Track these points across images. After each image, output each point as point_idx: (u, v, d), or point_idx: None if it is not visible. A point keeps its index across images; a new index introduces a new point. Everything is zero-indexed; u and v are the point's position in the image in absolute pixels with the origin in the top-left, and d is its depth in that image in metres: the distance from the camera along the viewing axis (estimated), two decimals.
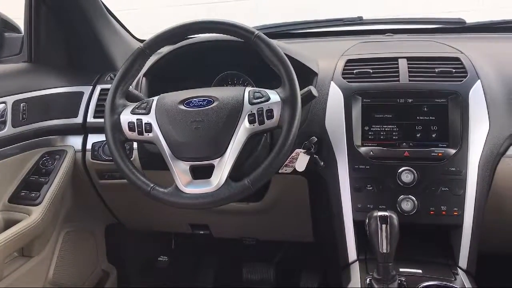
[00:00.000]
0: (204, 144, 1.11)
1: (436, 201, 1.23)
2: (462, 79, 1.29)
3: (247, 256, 2.06)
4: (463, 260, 1.22)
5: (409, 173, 1.24)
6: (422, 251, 1.27)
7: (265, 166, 1.10)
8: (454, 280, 1.14)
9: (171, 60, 1.41)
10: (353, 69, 1.38)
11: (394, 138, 1.29)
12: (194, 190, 1.11)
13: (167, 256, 2.07)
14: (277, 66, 1.13)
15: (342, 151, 1.30)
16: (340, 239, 1.30)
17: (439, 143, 1.26)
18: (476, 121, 1.24)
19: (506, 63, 1.38)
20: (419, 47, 1.50)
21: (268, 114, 1.10)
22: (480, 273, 1.24)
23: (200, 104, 1.14)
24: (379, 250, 1.05)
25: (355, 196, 1.28)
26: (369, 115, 1.31)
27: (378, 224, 1.06)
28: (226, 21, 1.17)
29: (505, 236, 1.42)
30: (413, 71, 1.33)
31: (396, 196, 1.24)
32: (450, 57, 1.37)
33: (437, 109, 1.27)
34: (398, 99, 1.30)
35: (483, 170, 1.23)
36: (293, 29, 1.83)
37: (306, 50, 1.46)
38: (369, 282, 1.11)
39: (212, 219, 1.71)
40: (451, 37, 1.64)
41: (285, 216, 1.61)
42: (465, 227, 1.22)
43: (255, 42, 1.15)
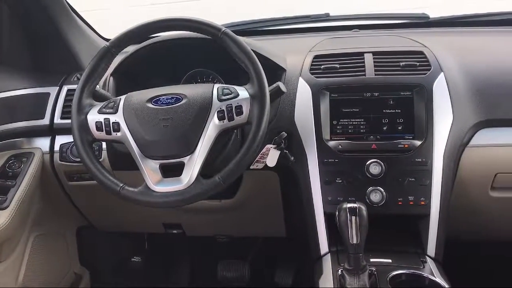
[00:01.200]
0: (174, 142, 1.10)
1: (403, 191, 1.26)
2: (426, 72, 1.32)
3: (221, 254, 2.06)
4: (431, 248, 1.25)
5: (377, 165, 1.27)
6: (392, 241, 1.30)
7: (235, 162, 1.10)
8: (422, 268, 1.17)
9: (138, 59, 1.40)
10: (321, 65, 1.40)
11: (362, 131, 1.31)
12: (165, 188, 1.11)
13: (140, 257, 2.05)
14: (245, 62, 1.14)
15: (311, 146, 1.32)
16: (311, 232, 1.32)
17: (405, 135, 1.29)
18: (440, 112, 1.28)
19: (468, 56, 1.42)
20: (385, 42, 1.53)
21: (238, 110, 1.11)
22: (448, 261, 1.27)
23: (168, 102, 1.13)
24: (349, 241, 1.07)
25: (325, 189, 1.29)
26: (337, 110, 1.33)
27: (348, 216, 1.07)
28: (193, 18, 1.17)
29: (470, 224, 1.47)
30: (378, 66, 1.35)
31: (365, 188, 1.27)
32: (414, 51, 1.40)
33: (402, 102, 1.30)
34: (365, 93, 1.32)
35: (448, 160, 1.26)
36: (261, 26, 1.84)
37: (274, 47, 1.47)
38: (340, 273, 1.12)
39: (184, 217, 1.71)
40: (416, 32, 1.67)
41: (257, 212, 1.62)
42: (432, 216, 1.25)
43: (222, 39, 1.15)
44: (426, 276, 1.13)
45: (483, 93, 1.32)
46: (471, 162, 1.31)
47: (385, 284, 1.09)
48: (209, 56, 1.41)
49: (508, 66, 1.38)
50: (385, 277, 1.11)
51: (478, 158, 1.31)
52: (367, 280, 1.08)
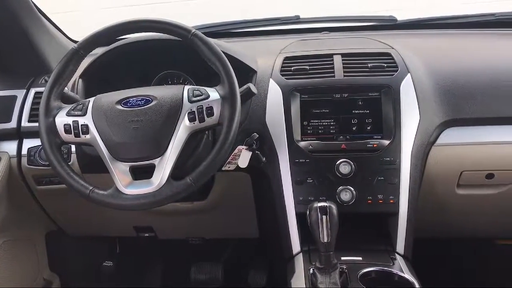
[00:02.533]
0: (144, 144, 1.10)
1: (373, 190, 1.28)
2: (393, 73, 1.35)
3: (194, 256, 2.05)
4: (400, 245, 1.27)
5: (347, 164, 1.29)
6: (363, 239, 1.32)
7: (207, 163, 1.10)
8: (392, 265, 1.19)
9: (108, 61, 1.39)
10: (291, 66, 1.41)
11: (332, 131, 1.33)
12: (135, 191, 1.10)
13: (112, 261, 2.02)
14: (215, 64, 1.14)
15: (282, 146, 1.33)
16: (283, 232, 1.33)
17: (374, 135, 1.31)
18: (408, 112, 1.31)
19: (433, 57, 1.46)
20: (353, 43, 1.56)
21: (208, 111, 1.11)
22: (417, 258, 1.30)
23: (138, 103, 1.13)
24: (320, 240, 1.08)
25: (297, 189, 1.31)
26: (308, 111, 1.35)
27: (319, 215, 1.09)
28: (162, 19, 1.17)
29: (438, 221, 1.51)
30: (347, 67, 1.38)
31: (335, 188, 1.29)
32: (381, 52, 1.43)
33: (371, 103, 1.33)
34: (334, 94, 1.34)
35: (416, 159, 1.29)
36: (232, 28, 1.85)
37: (245, 49, 1.48)
38: (312, 272, 1.14)
39: (156, 220, 1.69)
40: (383, 34, 1.70)
41: (230, 213, 1.62)
42: (401, 214, 1.28)
43: (192, 40, 1.15)
44: (396, 272, 1.15)
45: (449, 93, 1.35)
46: (438, 160, 1.34)
47: (355, 282, 1.10)
48: (179, 57, 1.41)
49: (472, 67, 1.42)
50: (355, 274, 1.12)
51: (445, 156, 1.34)
52: (338, 278, 1.09)
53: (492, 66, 1.42)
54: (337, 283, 1.08)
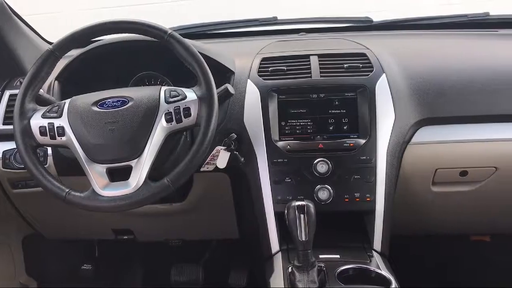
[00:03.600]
0: (121, 145, 1.09)
1: (350, 188, 1.30)
2: (368, 73, 1.37)
3: (174, 258, 2.05)
4: (377, 243, 1.29)
5: (324, 163, 1.30)
6: (340, 237, 1.34)
7: (184, 164, 1.10)
8: (369, 262, 1.21)
9: (84, 62, 1.38)
10: (268, 67, 1.42)
11: (309, 131, 1.35)
12: (112, 192, 1.10)
13: (90, 264, 2.00)
14: (192, 64, 1.14)
15: (261, 146, 1.34)
16: (263, 232, 1.34)
17: (350, 134, 1.33)
18: (383, 112, 1.33)
19: (408, 57, 1.49)
20: (330, 44, 1.57)
21: (186, 112, 1.11)
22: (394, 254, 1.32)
23: (114, 105, 1.12)
24: (298, 239, 1.09)
25: (275, 188, 1.32)
26: (285, 111, 1.36)
27: (296, 214, 1.10)
28: (138, 20, 1.17)
29: (414, 218, 1.53)
30: (323, 67, 1.39)
31: (313, 186, 1.30)
32: (357, 53, 1.45)
33: (347, 103, 1.35)
34: (311, 94, 1.35)
35: (391, 157, 1.32)
36: (211, 29, 1.85)
37: (222, 50, 1.49)
38: (290, 270, 1.15)
39: (135, 223, 1.68)
40: (360, 35, 1.72)
41: (209, 214, 1.62)
42: (377, 211, 1.30)
43: (168, 41, 1.15)
44: (372, 269, 1.16)
45: (423, 93, 1.38)
46: (413, 158, 1.36)
47: (333, 279, 1.12)
48: (157, 58, 1.40)
49: (445, 67, 1.45)
50: (333, 272, 1.14)
51: (420, 154, 1.37)
52: (316, 276, 1.10)
53: (465, 66, 1.45)
54: (315, 281, 1.10)
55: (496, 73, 1.42)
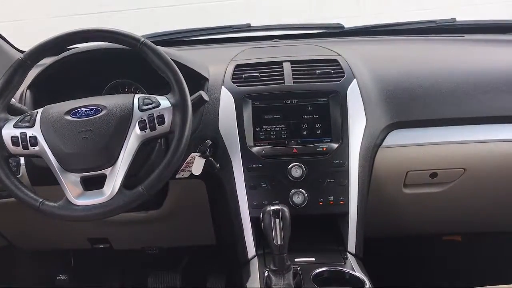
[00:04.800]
0: (94, 154, 1.09)
1: (324, 192, 1.32)
2: (340, 79, 1.40)
3: (152, 266, 2.03)
4: (351, 245, 1.31)
5: (298, 168, 1.32)
6: (316, 240, 1.36)
7: (159, 171, 1.11)
8: (344, 264, 1.23)
9: (56, 71, 1.37)
10: (242, 74, 1.43)
11: (283, 136, 1.36)
12: (86, 201, 1.09)
13: (66, 275, 1.98)
14: (165, 72, 1.15)
15: (236, 152, 1.35)
16: (239, 237, 1.35)
17: (323, 139, 1.35)
18: (354, 116, 1.36)
19: (378, 62, 1.52)
20: (302, 51, 1.60)
21: (159, 120, 1.12)
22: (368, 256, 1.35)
23: (87, 113, 1.12)
24: (274, 243, 1.10)
25: (251, 194, 1.33)
26: (260, 117, 1.37)
27: (271, 218, 1.11)
28: (111, 29, 1.17)
29: (387, 220, 1.56)
30: (296, 74, 1.41)
31: (288, 191, 1.32)
32: (329, 59, 1.47)
33: (319, 108, 1.37)
34: (285, 100, 1.37)
35: (363, 161, 1.34)
36: (184, 36, 1.86)
37: (196, 57, 1.49)
38: (267, 274, 1.16)
39: (111, 231, 1.67)
40: (331, 41, 1.76)
41: (186, 221, 1.63)
42: (351, 214, 1.32)
43: (141, 49, 1.15)
44: (347, 271, 1.18)
45: (393, 97, 1.41)
46: (385, 161, 1.40)
47: (308, 282, 1.13)
48: (130, 66, 1.40)
49: (414, 72, 1.48)
50: (308, 275, 1.15)
51: (391, 157, 1.40)
52: (291, 279, 1.12)
53: (433, 70, 1.49)
54: (291, 284, 1.11)
55: (464, 77, 1.46)
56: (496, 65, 1.51)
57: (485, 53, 1.60)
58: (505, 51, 1.60)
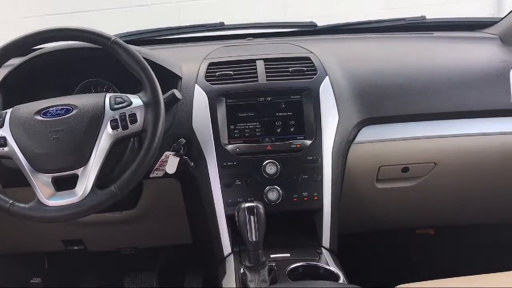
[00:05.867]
0: (66, 154, 1.08)
1: (298, 188, 1.33)
2: (312, 76, 1.41)
3: (128, 267, 2.02)
4: (326, 240, 1.33)
5: (273, 165, 1.33)
6: (291, 236, 1.37)
7: (132, 170, 1.10)
8: (318, 259, 1.25)
9: (26, 71, 1.34)
10: (216, 72, 1.44)
11: (258, 134, 1.37)
12: (58, 202, 1.08)
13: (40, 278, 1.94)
14: (137, 70, 1.14)
15: (210, 150, 1.35)
16: (215, 235, 1.35)
17: (297, 136, 1.37)
18: (327, 113, 1.37)
19: (350, 60, 1.54)
20: (275, 49, 1.61)
21: (131, 118, 1.11)
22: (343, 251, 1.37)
23: (58, 113, 1.11)
24: (249, 239, 1.11)
25: (226, 191, 1.33)
26: (234, 115, 1.38)
27: (246, 215, 1.12)
28: (81, 27, 1.16)
29: (362, 215, 1.59)
30: (269, 71, 1.42)
31: (262, 188, 1.32)
32: (301, 57, 1.48)
33: (293, 105, 1.38)
34: (258, 98, 1.38)
35: (336, 157, 1.36)
36: (157, 35, 1.84)
37: (169, 55, 1.49)
38: (242, 271, 1.16)
39: (85, 232, 1.65)
40: (304, 39, 1.77)
41: (161, 220, 1.62)
42: (325, 209, 1.34)
43: (112, 48, 1.15)
44: (321, 266, 1.20)
45: (364, 93, 1.44)
46: (357, 157, 1.42)
47: (284, 277, 1.14)
48: (102, 65, 1.39)
49: (385, 69, 1.51)
50: (283, 270, 1.16)
51: (363, 153, 1.42)
52: (267, 275, 1.13)
53: (403, 67, 1.52)
54: (266, 280, 1.12)
55: (433, 73, 1.50)
56: (464, 61, 1.54)
57: (453, 50, 1.63)
58: (472, 48, 1.64)
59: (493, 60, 1.54)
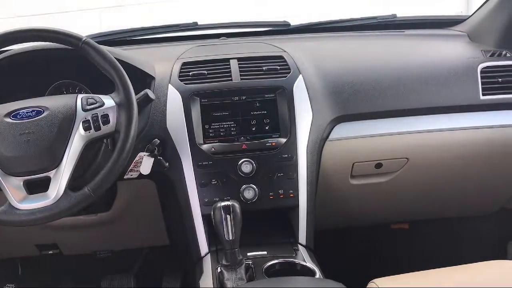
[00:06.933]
0: (37, 157, 1.06)
1: (274, 186, 1.34)
2: (286, 75, 1.42)
3: (104, 270, 1.99)
4: (302, 236, 1.34)
5: (248, 163, 1.34)
6: (268, 234, 1.38)
7: (105, 172, 1.09)
8: (295, 256, 1.26)
9: None
10: (189, 71, 1.43)
11: (233, 133, 1.37)
12: (30, 205, 1.06)
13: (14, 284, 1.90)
14: (109, 71, 1.13)
15: (185, 150, 1.35)
16: (191, 235, 1.35)
17: (272, 134, 1.37)
18: (301, 111, 1.39)
19: (323, 58, 1.56)
20: (249, 48, 1.61)
21: (104, 119, 1.10)
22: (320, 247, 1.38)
23: (29, 115, 1.09)
24: (225, 238, 1.12)
25: (202, 191, 1.33)
26: (208, 114, 1.38)
27: (222, 214, 1.12)
28: (50, 28, 1.14)
29: (337, 212, 1.61)
30: (243, 71, 1.43)
31: (239, 187, 1.33)
32: (275, 55, 1.49)
33: (267, 104, 1.39)
34: (233, 97, 1.38)
35: (311, 154, 1.38)
36: (130, 36, 1.82)
37: (142, 56, 1.48)
38: (219, 270, 1.17)
39: (60, 236, 1.63)
40: (277, 38, 1.78)
41: (137, 222, 1.61)
42: (301, 207, 1.35)
43: (83, 48, 1.13)
44: (298, 262, 1.21)
45: (338, 91, 1.45)
46: (332, 154, 1.44)
47: (261, 275, 1.15)
48: (73, 66, 1.37)
49: (357, 67, 1.53)
50: (260, 268, 1.17)
51: (337, 150, 1.44)
52: (244, 273, 1.13)
53: (375, 65, 1.54)
54: (243, 278, 1.12)
55: (404, 70, 1.52)
56: (433, 58, 1.58)
57: (423, 47, 1.67)
58: (441, 45, 1.68)
59: (461, 56, 1.57)
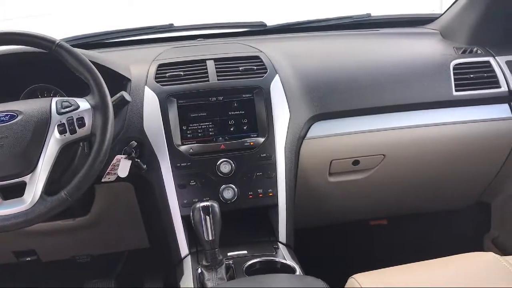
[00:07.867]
0: (12, 161, 1.05)
1: (253, 185, 1.35)
2: (263, 75, 1.43)
3: (84, 275, 1.97)
4: (282, 235, 1.35)
5: (227, 164, 1.34)
6: (248, 234, 1.38)
7: (82, 175, 1.08)
8: (275, 254, 1.27)
9: None
10: (165, 73, 1.43)
11: (211, 134, 1.37)
12: (5, 211, 1.04)
13: None
14: (83, 73, 1.12)
15: (163, 152, 1.34)
16: (171, 237, 1.34)
17: (250, 134, 1.38)
18: (279, 111, 1.40)
19: (299, 58, 1.57)
20: (225, 49, 1.61)
21: (79, 122, 1.09)
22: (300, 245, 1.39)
23: (2, 119, 1.08)
24: (205, 239, 1.12)
25: (180, 192, 1.33)
26: (186, 115, 1.38)
27: (201, 215, 1.12)
28: (23, 31, 1.12)
29: (317, 210, 1.62)
30: (220, 71, 1.43)
31: (218, 187, 1.33)
32: (251, 56, 1.50)
33: (245, 104, 1.39)
34: (210, 98, 1.39)
35: (289, 153, 1.39)
36: (105, 38, 1.81)
37: (117, 58, 1.47)
38: (200, 271, 1.17)
39: (38, 242, 1.61)
40: (254, 39, 1.79)
41: (116, 226, 1.60)
42: (280, 205, 1.36)
43: (57, 51, 1.12)
44: (278, 260, 1.22)
45: (314, 90, 1.47)
46: (310, 152, 1.45)
47: (241, 274, 1.15)
48: (48, 70, 1.36)
49: (333, 66, 1.55)
50: (241, 267, 1.17)
51: (315, 148, 1.45)
52: (224, 273, 1.14)
53: (350, 63, 1.56)
54: (224, 278, 1.12)
55: (378, 68, 1.55)
56: (407, 56, 1.60)
57: (397, 45, 1.70)
58: (415, 43, 1.71)
59: (434, 54, 1.61)
